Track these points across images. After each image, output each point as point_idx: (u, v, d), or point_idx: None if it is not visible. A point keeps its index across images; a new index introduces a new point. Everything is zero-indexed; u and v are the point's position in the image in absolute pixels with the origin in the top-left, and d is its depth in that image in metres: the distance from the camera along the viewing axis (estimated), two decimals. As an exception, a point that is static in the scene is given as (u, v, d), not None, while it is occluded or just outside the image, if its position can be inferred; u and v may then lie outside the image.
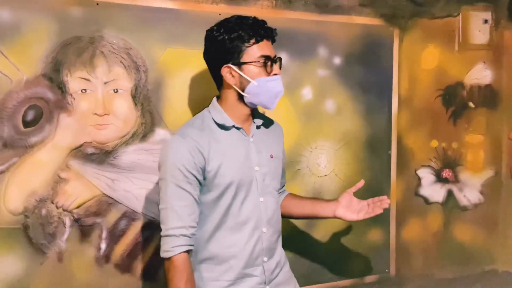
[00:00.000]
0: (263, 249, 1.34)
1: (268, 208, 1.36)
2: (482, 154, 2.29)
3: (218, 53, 1.32)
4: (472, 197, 2.28)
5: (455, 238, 2.26)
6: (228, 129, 1.33)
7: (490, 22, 2.24)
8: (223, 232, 1.31)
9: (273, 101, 1.33)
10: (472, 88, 2.24)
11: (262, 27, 1.30)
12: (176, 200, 1.23)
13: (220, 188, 1.28)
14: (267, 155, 1.39)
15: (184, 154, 1.24)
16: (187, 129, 1.31)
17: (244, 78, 1.28)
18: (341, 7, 1.95)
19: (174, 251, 1.21)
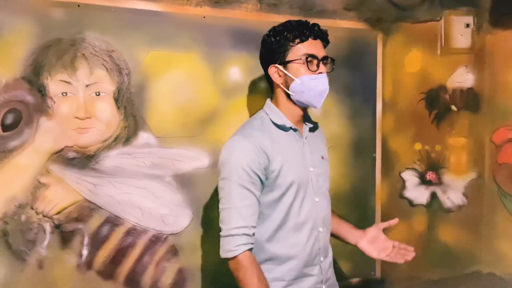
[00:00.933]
0: (320, 248, 1.36)
1: (323, 208, 1.38)
2: (465, 157, 2.31)
3: (266, 54, 1.38)
4: (455, 199, 2.31)
5: (440, 240, 2.27)
6: (287, 130, 1.36)
7: (472, 26, 2.28)
8: (284, 232, 1.31)
9: (318, 99, 1.34)
10: (454, 92, 2.27)
11: (307, 28, 1.33)
12: (240, 200, 1.24)
13: (282, 188, 1.30)
14: (318, 156, 1.42)
15: (249, 154, 1.25)
16: (248, 129, 1.33)
17: (289, 76, 1.32)
18: (325, 11, 1.96)
19: (238, 249, 1.21)
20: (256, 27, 1.81)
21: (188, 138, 1.71)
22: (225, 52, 1.76)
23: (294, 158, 1.34)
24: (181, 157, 1.69)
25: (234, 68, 1.78)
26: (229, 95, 1.78)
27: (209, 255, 1.76)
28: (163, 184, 1.67)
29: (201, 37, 1.71)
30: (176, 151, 1.69)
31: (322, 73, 1.33)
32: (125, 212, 1.62)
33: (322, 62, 1.34)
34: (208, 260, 1.76)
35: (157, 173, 1.66)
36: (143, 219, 1.65)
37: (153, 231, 1.66)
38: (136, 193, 1.63)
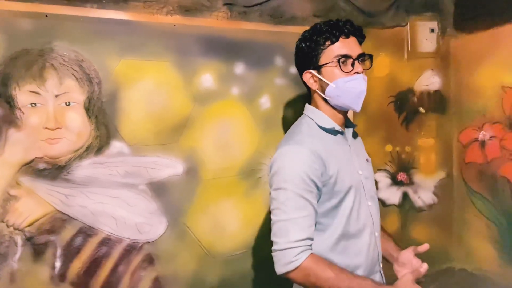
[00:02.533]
0: (378, 254, 1.30)
1: (374, 212, 1.31)
2: (433, 157, 2.38)
3: (300, 61, 1.33)
4: (426, 198, 2.37)
5: (412, 239, 2.33)
6: (335, 134, 1.30)
7: (437, 31, 2.36)
8: (347, 241, 1.23)
9: (357, 101, 1.27)
10: (422, 94, 2.35)
11: (336, 27, 1.25)
12: (298, 211, 1.15)
13: (341, 194, 1.22)
14: (363, 159, 1.37)
15: (305, 161, 1.17)
16: (298, 135, 1.26)
17: (323, 81, 1.26)
18: (295, 18, 2.00)
19: (300, 258, 1.12)
20: (227, 34, 1.84)
21: (162, 145, 1.71)
22: (197, 60, 1.77)
23: (346, 162, 1.27)
24: (155, 165, 1.69)
25: (206, 76, 1.80)
26: (202, 102, 1.79)
27: (186, 262, 1.76)
28: (138, 193, 1.67)
29: (172, 45, 1.72)
30: (150, 159, 1.69)
31: (358, 73, 1.25)
32: (98, 222, 1.60)
33: (358, 61, 1.25)
34: (185, 268, 1.76)
35: (131, 181, 1.65)
36: (118, 228, 1.63)
37: (128, 240, 1.65)
38: (110, 203, 1.62)
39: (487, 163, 2.23)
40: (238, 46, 1.86)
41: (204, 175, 1.79)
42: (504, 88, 2.12)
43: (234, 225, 1.86)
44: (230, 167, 1.85)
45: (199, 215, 1.79)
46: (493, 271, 2.21)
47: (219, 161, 1.83)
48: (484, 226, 2.25)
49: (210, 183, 1.81)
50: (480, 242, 2.29)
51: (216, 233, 1.82)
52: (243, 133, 1.89)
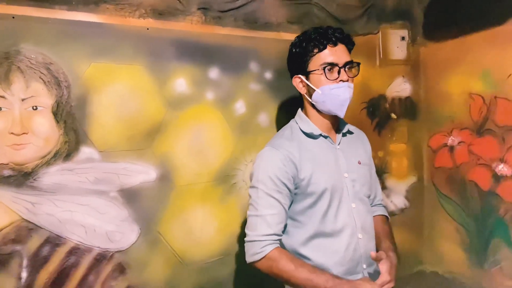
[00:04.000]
0: (361, 256, 1.33)
1: (361, 214, 1.36)
2: (405, 162, 2.43)
3: (291, 66, 1.42)
4: (398, 202, 2.41)
5: (385, 243, 2.36)
6: (316, 137, 1.38)
7: (407, 39, 2.42)
8: (322, 240, 1.30)
9: (341, 108, 1.33)
10: (393, 100, 2.40)
11: (324, 35, 1.32)
12: (266, 208, 1.26)
13: (315, 196, 1.30)
14: (355, 161, 1.41)
15: (276, 163, 1.28)
16: (278, 140, 1.37)
17: (310, 87, 1.35)
18: (269, 23, 2.01)
19: (265, 250, 1.23)
20: (201, 39, 1.82)
21: (134, 151, 1.67)
22: (171, 64, 1.75)
23: (325, 165, 1.34)
24: (126, 171, 1.65)
25: (180, 80, 1.77)
26: (175, 107, 1.76)
27: (159, 271, 1.72)
28: (108, 200, 1.62)
29: (145, 49, 1.69)
30: (121, 165, 1.64)
31: (343, 81, 1.31)
32: (67, 230, 1.54)
33: (345, 69, 1.31)
34: (158, 276, 1.72)
35: (101, 188, 1.60)
36: (87, 237, 1.58)
37: (98, 249, 1.60)
38: (79, 211, 1.56)
39: (456, 167, 2.29)
40: (213, 51, 1.85)
41: (178, 181, 1.76)
42: (471, 95, 2.19)
43: (208, 232, 1.84)
44: (205, 173, 1.83)
45: (173, 222, 1.75)
46: (463, 274, 2.27)
47: (193, 166, 1.80)
48: (453, 229, 2.31)
49: (184, 189, 1.78)
50: (450, 245, 2.34)
51: (190, 240, 1.79)
52: (217, 138, 1.87)
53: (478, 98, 2.16)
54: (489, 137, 2.11)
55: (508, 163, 2.03)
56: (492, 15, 2.05)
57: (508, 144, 2.02)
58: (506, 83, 2.02)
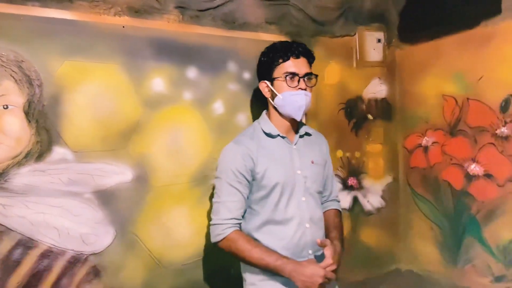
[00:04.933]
0: (307, 243, 1.52)
1: (310, 207, 1.55)
2: (381, 162, 2.47)
3: (259, 72, 1.62)
4: (375, 202, 2.45)
5: (362, 242, 2.40)
6: (274, 137, 1.56)
7: (383, 41, 2.46)
8: (273, 226, 1.50)
9: (298, 112, 1.53)
10: (370, 102, 2.43)
11: (288, 49, 1.53)
12: (228, 196, 1.46)
13: (268, 188, 1.49)
14: (308, 161, 1.59)
15: (237, 158, 1.47)
16: (241, 137, 1.56)
17: (273, 92, 1.55)
18: (248, 23, 2.00)
19: (225, 232, 1.43)
20: (179, 38, 1.80)
21: (109, 152, 1.64)
22: (147, 63, 1.72)
23: (280, 162, 1.53)
24: (101, 172, 1.62)
25: (157, 79, 1.75)
26: (152, 107, 1.74)
27: (135, 273, 1.69)
28: (82, 201, 1.58)
29: (121, 47, 1.66)
30: (96, 166, 1.61)
31: (302, 89, 1.51)
32: (39, 233, 1.50)
33: (304, 79, 1.52)
34: (134, 279, 1.69)
35: (75, 190, 1.56)
36: (60, 239, 1.54)
37: (71, 252, 1.56)
38: (52, 213, 1.52)
39: (430, 167, 2.34)
40: (191, 50, 1.83)
41: (155, 182, 1.74)
42: (444, 96, 2.25)
43: (186, 233, 1.82)
44: (182, 174, 1.81)
45: (149, 223, 1.73)
46: (437, 271, 2.32)
47: (170, 167, 1.78)
48: (428, 228, 2.36)
49: (161, 190, 1.75)
50: (424, 244, 2.39)
51: (167, 242, 1.77)
52: (195, 138, 1.85)
53: (451, 99, 2.21)
54: (462, 137, 2.17)
55: (479, 163, 2.09)
56: (465, 19, 2.11)
57: (480, 144, 2.08)
58: (477, 85, 2.08)
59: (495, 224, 2.03)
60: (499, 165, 2.00)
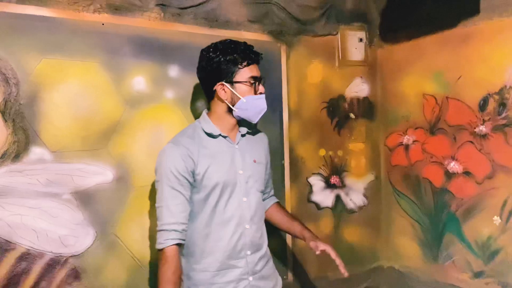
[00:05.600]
0: (246, 244, 1.51)
1: (251, 207, 1.54)
2: (363, 160, 2.49)
3: (213, 72, 1.50)
4: (357, 200, 2.47)
5: (345, 240, 2.42)
6: (215, 137, 1.52)
7: (365, 41, 2.48)
8: (211, 228, 1.47)
9: (257, 116, 1.54)
10: (352, 101, 2.45)
11: (252, 52, 1.51)
12: (170, 200, 1.40)
13: (208, 189, 1.46)
14: (250, 160, 1.57)
15: (177, 159, 1.42)
16: (180, 137, 1.50)
17: (235, 95, 1.49)
18: (230, 22, 1.99)
19: (165, 243, 1.37)
20: (161, 36, 1.78)
21: (89, 151, 1.61)
22: (128, 61, 1.70)
23: (221, 162, 1.50)
24: (81, 172, 1.59)
25: (138, 78, 1.73)
26: (133, 106, 1.71)
27: (116, 275, 1.67)
28: (61, 203, 1.55)
29: (101, 45, 1.64)
30: (75, 166, 1.58)
31: (262, 94, 1.52)
32: (16, 235, 1.46)
33: (262, 83, 1.54)
34: (115, 281, 1.67)
35: (53, 190, 1.53)
36: (39, 241, 1.51)
37: (50, 254, 1.53)
38: (29, 214, 1.49)
39: (411, 165, 2.38)
40: (173, 48, 1.81)
41: (136, 182, 1.71)
42: (425, 95, 2.28)
43: (168, 234, 1.80)
44: (164, 173, 1.79)
45: (131, 224, 1.70)
46: (418, 268, 2.36)
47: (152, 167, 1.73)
48: (409, 225, 2.40)
49: (143, 190, 1.73)
50: (406, 241, 2.42)
51: (149, 243, 1.74)
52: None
53: (431, 98, 2.25)
54: (441, 136, 2.20)
55: (458, 160, 2.13)
56: (444, 19, 2.14)
57: (459, 142, 2.12)
58: (456, 85, 2.12)
59: (474, 220, 2.07)
60: (477, 163, 2.04)
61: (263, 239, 1.61)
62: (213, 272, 1.46)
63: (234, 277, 1.48)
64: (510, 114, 1.91)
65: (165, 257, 1.37)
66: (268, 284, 1.57)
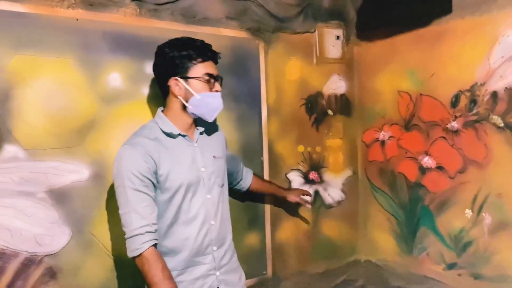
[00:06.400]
0: (212, 240, 1.52)
1: (215, 203, 1.54)
2: (341, 156, 2.53)
3: (167, 67, 1.47)
4: (335, 195, 2.51)
5: (323, 234, 2.45)
6: (175, 137, 1.49)
7: (342, 38, 2.51)
8: (177, 227, 1.46)
9: (212, 114, 1.51)
10: (329, 97, 2.48)
11: (208, 50, 1.49)
12: (137, 203, 1.34)
13: (172, 191, 1.43)
14: (210, 156, 1.57)
15: (137, 160, 1.36)
16: (136, 138, 1.44)
17: (188, 91, 1.46)
18: (208, 19, 1.99)
19: (142, 247, 1.32)
20: (137, 32, 1.77)
21: (64, 149, 1.59)
22: (103, 58, 1.68)
23: (183, 162, 1.48)
24: (56, 170, 1.56)
25: (114, 74, 1.71)
26: (109, 103, 1.70)
27: (93, 273, 1.65)
28: (36, 201, 1.53)
29: (75, 41, 1.61)
30: (50, 164, 1.56)
31: (218, 91, 1.50)
32: (-11, 235, 1.44)
33: (219, 82, 1.52)
34: (92, 279, 1.65)
35: (27, 189, 1.51)
36: (13, 241, 1.48)
37: (25, 253, 1.51)
38: (3, 213, 1.46)
39: (386, 161, 2.43)
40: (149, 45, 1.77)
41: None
42: (399, 92, 2.33)
43: (147, 231, 1.79)
44: (142, 171, 1.78)
45: (108, 222, 1.69)
46: (394, 260, 2.41)
47: (129, 164, 1.74)
48: (385, 219, 2.45)
49: (120, 188, 1.72)
50: (382, 235, 2.48)
51: (127, 240, 1.74)
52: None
53: (406, 95, 2.30)
54: (416, 132, 2.26)
55: (432, 156, 2.18)
56: (418, 17, 2.19)
57: (432, 138, 2.18)
58: (430, 82, 2.17)
59: (447, 214, 2.13)
60: (450, 157, 2.10)
61: (228, 232, 1.62)
62: (180, 271, 1.46)
63: (201, 273, 1.49)
64: (480, 111, 1.97)
65: (148, 260, 1.32)
66: (234, 277, 1.60)
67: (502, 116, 1.89)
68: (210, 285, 1.51)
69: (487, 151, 1.95)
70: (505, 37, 1.86)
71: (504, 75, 1.88)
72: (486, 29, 1.93)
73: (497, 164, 1.92)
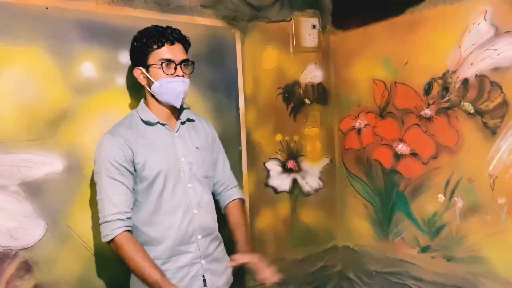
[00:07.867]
0: (196, 228, 1.52)
1: (197, 193, 1.54)
2: (318, 145, 2.56)
3: (132, 58, 1.54)
4: (313, 183, 2.54)
5: (302, 222, 2.48)
6: (153, 125, 1.51)
7: (318, 27, 2.52)
8: (159, 217, 1.47)
9: (176, 100, 1.50)
10: (306, 86, 2.49)
11: (163, 34, 1.46)
12: (111, 190, 1.38)
13: (150, 178, 1.45)
14: (192, 147, 1.57)
15: (114, 149, 1.40)
16: (117, 127, 1.48)
17: (150, 79, 1.48)
18: (182, 7, 1.96)
19: (114, 233, 1.35)
20: (110, 20, 1.73)
21: (36, 141, 1.56)
22: (75, 47, 1.65)
23: (161, 151, 1.49)
24: (28, 162, 1.53)
25: (86, 64, 1.68)
26: (82, 93, 1.67)
27: (70, 266, 1.64)
28: (8, 195, 1.49)
29: (45, 30, 1.57)
30: (21, 156, 1.52)
31: (179, 76, 1.47)
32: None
33: (181, 66, 1.48)
34: (69, 272, 1.64)
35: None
36: (-15, 236, 1.45)
37: (-1, 247, 1.48)
38: (-24, 208, 1.43)
39: (362, 148, 2.47)
40: (122, 34, 1.76)
41: (88, 171, 1.67)
42: (375, 80, 2.36)
43: (124, 222, 1.78)
44: (118, 162, 1.75)
45: (83, 214, 1.67)
46: (370, 245, 2.47)
47: (105, 156, 1.72)
48: (362, 206, 2.50)
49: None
50: (359, 221, 2.53)
51: (104, 232, 1.72)
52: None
53: (381, 83, 2.33)
54: (390, 119, 2.30)
55: (406, 142, 2.23)
56: (392, 6, 2.21)
57: (406, 125, 2.22)
58: (404, 70, 2.21)
59: (421, 199, 2.19)
60: (423, 144, 2.15)
61: (214, 222, 1.62)
62: (164, 260, 1.46)
63: (186, 262, 1.49)
64: (452, 98, 2.02)
65: (121, 244, 1.35)
66: (220, 266, 1.60)
67: (473, 103, 1.95)
68: (195, 273, 1.50)
69: (459, 137, 2.01)
70: (476, 25, 1.91)
71: (474, 62, 1.93)
72: (458, 17, 1.97)
73: (468, 149, 1.98)
